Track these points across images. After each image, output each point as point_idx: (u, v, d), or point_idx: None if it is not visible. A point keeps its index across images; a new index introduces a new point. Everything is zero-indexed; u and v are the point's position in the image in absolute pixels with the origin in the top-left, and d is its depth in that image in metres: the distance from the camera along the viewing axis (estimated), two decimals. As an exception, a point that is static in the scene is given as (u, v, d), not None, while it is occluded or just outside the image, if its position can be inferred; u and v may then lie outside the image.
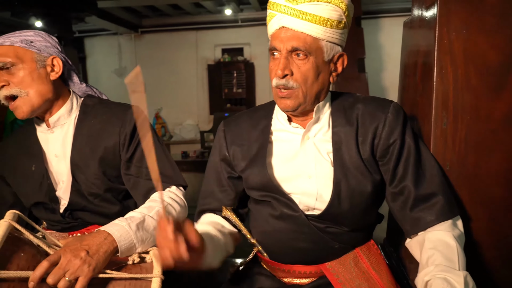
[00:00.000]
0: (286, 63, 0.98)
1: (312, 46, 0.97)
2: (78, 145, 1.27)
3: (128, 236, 1.02)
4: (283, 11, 0.98)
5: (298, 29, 0.97)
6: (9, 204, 1.36)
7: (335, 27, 0.98)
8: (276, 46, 1.01)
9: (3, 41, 1.18)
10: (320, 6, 0.96)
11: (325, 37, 0.98)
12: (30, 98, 1.19)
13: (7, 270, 0.84)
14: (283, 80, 0.99)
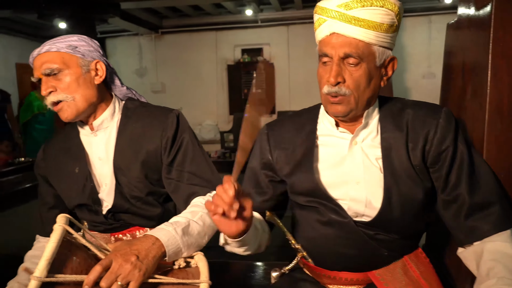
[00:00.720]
0: (338, 70, 0.97)
1: (365, 52, 0.96)
2: (121, 148, 1.27)
3: (175, 241, 1.02)
4: (334, 16, 0.96)
5: (350, 35, 0.95)
6: (50, 206, 1.37)
7: (387, 31, 0.96)
8: (327, 53, 0.99)
9: (49, 47, 1.19)
10: (373, 11, 0.93)
11: (377, 42, 0.96)
12: (76, 102, 1.20)
13: (63, 274, 0.85)
14: (335, 88, 0.98)
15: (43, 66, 1.18)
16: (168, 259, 1.01)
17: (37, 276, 0.79)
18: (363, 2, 0.93)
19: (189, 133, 1.31)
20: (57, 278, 0.83)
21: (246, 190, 1.19)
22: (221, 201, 0.83)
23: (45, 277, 0.80)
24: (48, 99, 1.20)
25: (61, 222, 0.89)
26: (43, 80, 1.20)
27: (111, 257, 0.91)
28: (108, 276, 0.88)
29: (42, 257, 0.82)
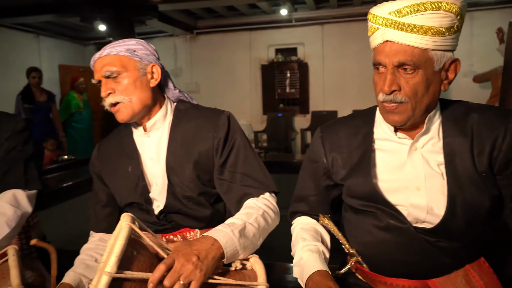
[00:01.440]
0: (392, 78, 0.95)
1: (421, 58, 0.93)
2: (173, 149, 1.30)
3: (232, 243, 1.03)
4: (386, 24, 0.94)
5: (405, 43, 0.93)
6: (103, 204, 1.41)
7: (445, 34, 0.93)
8: (381, 61, 0.97)
9: (110, 50, 1.23)
10: (428, 16, 0.91)
11: (435, 46, 0.93)
12: (132, 104, 1.24)
13: (130, 271, 0.87)
14: (390, 96, 0.96)
15: (104, 69, 1.22)
16: (226, 260, 1.03)
17: (108, 271, 0.82)
18: (416, 8, 0.91)
19: (241, 134, 1.32)
20: (126, 274, 0.85)
21: (303, 193, 1.19)
22: None
23: (115, 273, 0.83)
24: (106, 100, 1.24)
25: (128, 221, 0.92)
26: (102, 82, 1.24)
27: (173, 256, 0.93)
28: (171, 275, 0.90)
29: (112, 254, 0.84)
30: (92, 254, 1.29)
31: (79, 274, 1.20)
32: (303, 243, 1.10)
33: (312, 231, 1.14)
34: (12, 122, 1.46)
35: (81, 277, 1.19)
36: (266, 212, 1.20)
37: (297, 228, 1.18)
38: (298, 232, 1.15)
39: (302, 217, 1.21)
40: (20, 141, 1.45)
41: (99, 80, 1.25)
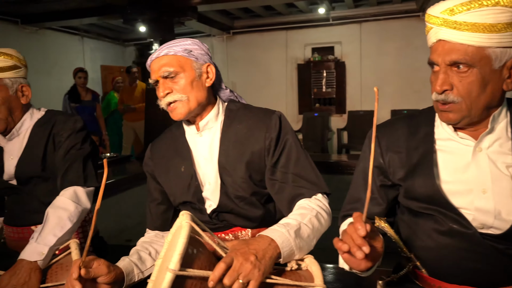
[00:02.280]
0: (444, 78, 0.93)
1: (475, 57, 0.89)
2: (225, 148, 1.31)
3: (289, 243, 1.03)
4: (439, 23, 0.92)
5: (457, 41, 0.89)
6: (158, 202, 1.45)
7: (505, 31, 0.88)
8: (434, 60, 0.95)
9: (167, 51, 1.25)
10: (483, 12, 0.87)
11: (492, 44, 0.89)
12: (189, 102, 1.26)
13: (191, 268, 0.89)
14: (442, 96, 0.94)
15: (162, 69, 1.25)
16: (283, 260, 1.03)
17: (172, 268, 0.84)
18: (469, 5, 0.87)
19: (292, 134, 1.32)
20: (188, 272, 0.87)
21: (358, 195, 1.17)
22: (351, 241, 0.83)
23: (179, 270, 0.85)
24: (164, 100, 1.26)
25: (188, 219, 0.94)
26: (160, 82, 1.27)
27: (231, 255, 0.94)
28: (230, 274, 0.91)
29: (175, 251, 0.86)
30: (147, 247, 1.33)
31: (133, 263, 1.23)
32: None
33: None
34: (71, 122, 1.52)
35: (133, 266, 1.22)
36: (320, 213, 1.19)
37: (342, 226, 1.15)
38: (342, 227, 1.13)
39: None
40: (79, 139, 1.52)
41: (156, 80, 1.28)
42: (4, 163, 1.52)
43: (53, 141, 1.50)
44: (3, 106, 1.44)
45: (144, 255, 1.28)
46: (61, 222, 1.32)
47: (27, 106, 1.54)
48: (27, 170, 1.48)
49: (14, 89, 1.46)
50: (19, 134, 1.52)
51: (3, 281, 1.16)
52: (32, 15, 6.10)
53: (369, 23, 7.03)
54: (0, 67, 1.42)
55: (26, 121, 1.52)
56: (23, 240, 1.51)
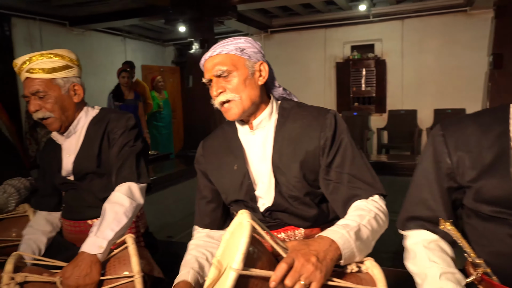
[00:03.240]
0: None
1: None
2: (279, 147, 1.30)
3: (349, 245, 1.01)
4: None
5: None
6: (208, 200, 1.45)
7: None
8: None
9: (221, 50, 1.25)
10: None
11: None
12: (242, 102, 1.25)
13: (254, 268, 0.88)
14: None
15: (215, 68, 1.25)
16: (343, 262, 1.00)
17: (236, 268, 0.83)
18: None
19: (347, 134, 1.28)
20: (251, 272, 0.86)
21: (421, 196, 1.12)
22: None
23: (242, 270, 0.84)
24: (217, 99, 1.26)
25: (249, 218, 0.93)
26: (213, 81, 1.27)
27: (292, 255, 0.92)
28: (292, 275, 0.89)
29: (237, 251, 0.86)
30: (203, 251, 1.33)
31: (197, 272, 1.24)
32: (439, 268, 1.00)
33: (438, 251, 1.04)
34: (124, 120, 1.56)
35: (197, 276, 1.24)
36: (378, 215, 1.15)
37: (419, 246, 1.07)
38: (423, 251, 1.06)
39: (419, 231, 1.11)
40: (132, 137, 1.55)
41: (209, 79, 1.29)
42: (62, 160, 1.58)
43: (107, 139, 1.54)
44: (56, 105, 1.48)
45: (203, 261, 1.29)
46: (118, 217, 1.35)
47: (81, 105, 1.58)
48: (84, 166, 1.53)
49: (66, 88, 1.51)
50: (75, 132, 1.58)
51: (66, 272, 1.20)
52: (79, 17, 6.35)
53: (412, 19, 6.81)
54: (53, 68, 1.46)
55: (81, 119, 1.58)
56: (79, 233, 1.56)
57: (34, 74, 1.44)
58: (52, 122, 1.50)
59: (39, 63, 1.43)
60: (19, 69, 1.46)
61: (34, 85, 1.45)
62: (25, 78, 1.47)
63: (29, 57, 1.44)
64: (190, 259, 1.30)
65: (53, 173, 1.60)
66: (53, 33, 6.22)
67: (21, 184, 1.90)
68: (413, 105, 6.99)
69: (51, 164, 1.61)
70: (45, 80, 1.45)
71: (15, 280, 1.12)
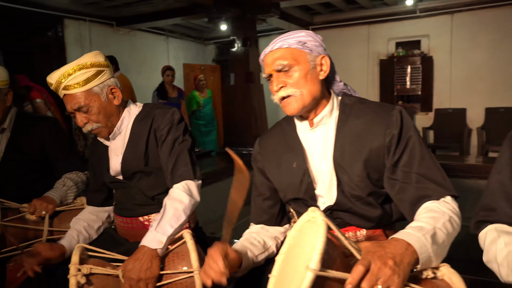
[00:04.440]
0: None
1: None
2: (341, 145, 1.25)
3: (426, 249, 0.95)
4: None
5: None
6: (264, 197, 1.43)
7: None
8: None
9: (281, 44, 1.22)
10: None
11: None
12: (302, 97, 1.22)
13: (329, 269, 0.84)
14: None
15: (276, 63, 1.22)
16: (420, 267, 0.94)
17: (313, 268, 0.80)
18: None
19: (415, 131, 1.22)
20: (327, 273, 0.82)
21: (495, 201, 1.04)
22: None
23: (319, 270, 0.81)
24: (277, 94, 1.23)
25: (323, 216, 0.89)
26: (274, 75, 1.24)
27: (368, 258, 0.88)
28: (369, 278, 0.85)
29: (315, 250, 0.82)
30: (256, 236, 1.33)
31: (246, 247, 1.24)
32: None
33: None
34: (169, 114, 1.53)
35: (247, 250, 1.24)
36: (452, 218, 1.08)
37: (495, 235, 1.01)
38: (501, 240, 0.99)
39: (496, 225, 1.05)
40: (180, 131, 1.52)
41: (269, 74, 1.26)
42: (110, 160, 1.58)
43: (154, 136, 1.52)
44: (100, 115, 1.46)
45: (255, 242, 1.30)
46: (177, 213, 1.35)
47: (122, 104, 1.56)
48: (131, 166, 1.52)
49: (104, 94, 1.47)
50: (120, 132, 1.56)
51: (128, 265, 1.22)
52: (125, 18, 6.54)
53: (462, 13, 6.49)
54: (86, 79, 1.42)
55: (125, 118, 1.55)
56: (132, 229, 1.58)
57: (71, 90, 1.42)
58: (100, 131, 1.50)
59: (72, 79, 1.41)
60: (55, 88, 1.45)
61: (74, 100, 1.43)
62: (63, 95, 1.46)
63: (61, 75, 1.41)
64: (239, 241, 1.30)
65: (102, 172, 1.61)
66: (101, 33, 6.43)
67: (78, 178, 1.96)
68: (462, 104, 6.67)
69: (100, 163, 1.62)
70: (83, 93, 1.43)
71: (82, 272, 1.14)
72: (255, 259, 1.25)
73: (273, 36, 8.11)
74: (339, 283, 0.85)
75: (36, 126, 1.92)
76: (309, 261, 0.82)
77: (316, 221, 0.88)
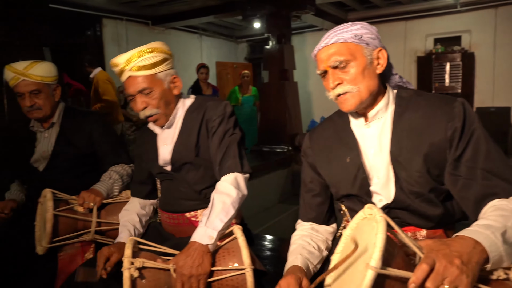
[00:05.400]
0: None
1: None
2: (398, 140, 1.20)
3: (496, 247, 0.88)
4: None
5: None
6: (314, 193, 1.39)
7: None
8: None
9: (337, 38, 1.17)
10: None
11: None
12: (359, 93, 1.17)
13: (390, 267, 0.80)
14: None
15: (332, 59, 1.17)
16: (490, 267, 0.88)
17: (374, 266, 0.76)
18: None
19: (479, 124, 1.15)
20: (388, 271, 0.79)
21: None
22: None
23: (380, 269, 0.77)
24: (334, 92, 1.19)
25: (381, 212, 0.85)
26: (329, 72, 1.19)
27: (432, 256, 0.83)
28: (434, 277, 0.80)
29: (375, 248, 0.78)
30: (309, 241, 1.29)
31: (306, 258, 1.21)
32: None
33: None
34: (222, 107, 1.51)
35: (307, 262, 1.20)
36: None
37: None
38: None
39: None
40: (231, 124, 1.51)
41: (324, 71, 1.22)
42: (159, 150, 1.58)
43: (206, 127, 1.51)
44: (161, 101, 1.46)
45: (312, 249, 1.26)
46: (226, 207, 1.33)
47: (179, 96, 1.56)
48: (182, 156, 1.51)
49: (167, 82, 1.48)
50: (173, 122, 1.56)
51: (179, 261, 1.20)
52: (160, 16, 6.65)
53: (507, 7, 6.20)
54: (154, 63, 1.43)
55: (179, 109, 1.55)
56: (178, 226, 1.56)
57: (138, 71, 1.42)
58: (158, 118, 1.50)
59: (141, 61, 1.41)
60: (121, 69, 1.45)
61: (138, 83, 1.43)
62: (127, 77, 1.45)
63: (130, 56, 1.42)
64: (296, 247, 1.27)
65: (149, 163, 1.61)
66: (137, 32, 6.57)
67: (124, 171, 1.98)
68: (506, 102, 6.38)
69: (147, 153, 1.62)
70: (148, 76, 1.43)
71: (135, 265, 1.14)
72: (315, 270, 1.23)
73: (306, 33, 8.03)
74: (401, 282, 0.81)
75: (84, 120, 1.96)
76: (368, 259, 0.79)
77: (374, 218, 0.85)
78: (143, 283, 1.15)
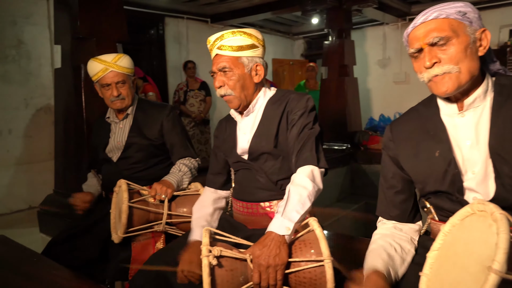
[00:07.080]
0: None
1: None
2: (498, 131, 1.08)
3: None
4: None
5: None
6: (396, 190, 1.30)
7: None
8: None
9: (438, 14, 1.09)
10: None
11: None
12: (460, 75, 1.08)
13: None
14: None
15: (430, 35, 1.09)
16: None
17: (498, 270, 0.67)
18: None
19: None
20: None
21: None
22: None
23: (505, 273, 0.68)
24: (430, 72, 1.11)
25: (499, 209, 0.76)
26: (426, 50, 1.11)
27: None
28: None
29: (499, 249, 0.69)
30: (391, 242, 1.22)
31: (386, 263, 1.13)
32: None
33: None
34: (304, 100, 1.50)
35: (389, 267, 1.13)
36: None
37: None
38: None
39: None
40: (311, 119, 1.49)
41: (419, 49, 1.13)
42: (238, 138, 1.59)
43: (286, 119, 1.50)
44: (238, 83, 1.48)
45: (392, 252, 1.19)
46: (302, 199, 1.30)
47: (260, 85, 1.57)
48: (260, 146, 1.51)
49: (249, 67, 1.50)
50: (253, 111, 1.57)
51: (256, 251, 1.18)
52: (219, 14, 6.73)
53: None
54: (240, 46, 1.46)
55: (260, 98, 1.56)
56: (251, 215, 1.55)
57: (223, 50, 1.47)
58: (232, 99, 1.51)
59: (229, 41, 1.45)
60: (211, 46, 1.50)
61: (221, 61, 1.48)
62: (215, 54, 1.51)
63: (221, 35, 1.47)
64: (376, 248, 1.20)
65: (227, 151, 1.62)
66: (197, 30, 6.70)
67: (191, 164, 2.01)
68: None
69: (226, 142, 1.64)
70: (232, 57, 1.47)
71: (213, 253, 1.13)
72: (397, 278, 1.15)
73: (365, 28, 7.77)
74: None
75: (155, 112, 2.01)
76: (487, 261, 0.70)
77: (489, 215, 0.75)
78: (220, 271, 1.14)
